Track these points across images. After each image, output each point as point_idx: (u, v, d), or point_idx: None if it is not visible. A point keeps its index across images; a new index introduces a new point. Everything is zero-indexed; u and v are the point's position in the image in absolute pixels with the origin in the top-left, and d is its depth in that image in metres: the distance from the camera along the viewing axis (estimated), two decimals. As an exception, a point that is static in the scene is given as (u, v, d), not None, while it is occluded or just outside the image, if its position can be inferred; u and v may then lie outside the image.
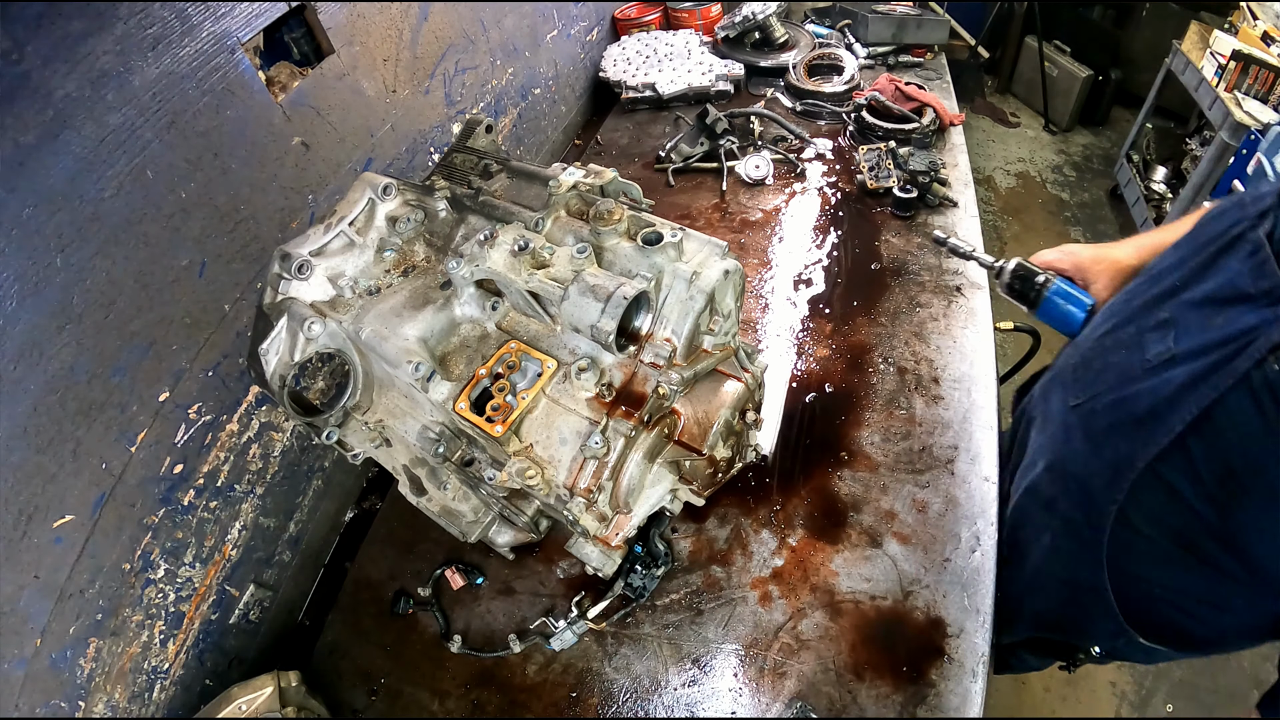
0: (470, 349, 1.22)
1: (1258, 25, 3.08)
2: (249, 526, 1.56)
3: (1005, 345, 3.19)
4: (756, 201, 2.35)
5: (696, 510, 1.52)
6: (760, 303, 2.00)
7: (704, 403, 1.26)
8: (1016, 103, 5.16)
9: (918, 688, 1.24)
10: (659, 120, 2.86)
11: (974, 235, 2.09)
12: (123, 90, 1.18)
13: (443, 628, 1.47)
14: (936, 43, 2.99)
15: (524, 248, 1.15)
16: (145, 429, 1.30)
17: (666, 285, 1.14)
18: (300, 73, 1.57)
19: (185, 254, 1.34)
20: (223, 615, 1.51)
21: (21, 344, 1.08)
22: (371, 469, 1.94)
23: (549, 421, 1.13)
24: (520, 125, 2.59)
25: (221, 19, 1.34)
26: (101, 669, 1.26)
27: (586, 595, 1.45)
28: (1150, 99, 3.85)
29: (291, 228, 1.57)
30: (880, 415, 1.67)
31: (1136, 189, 3.82)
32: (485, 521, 1.36)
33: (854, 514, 1.50)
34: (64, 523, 1.18)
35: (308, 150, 1.60)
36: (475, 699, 1.38)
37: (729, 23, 2.96)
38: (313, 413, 1.27)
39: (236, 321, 1.46)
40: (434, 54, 2.03)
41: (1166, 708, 2.32)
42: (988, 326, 1.83)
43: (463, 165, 1.44)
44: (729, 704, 1.29)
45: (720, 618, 1.39)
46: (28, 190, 1.06)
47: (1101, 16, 4.71)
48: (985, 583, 1.35)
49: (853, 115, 2.55)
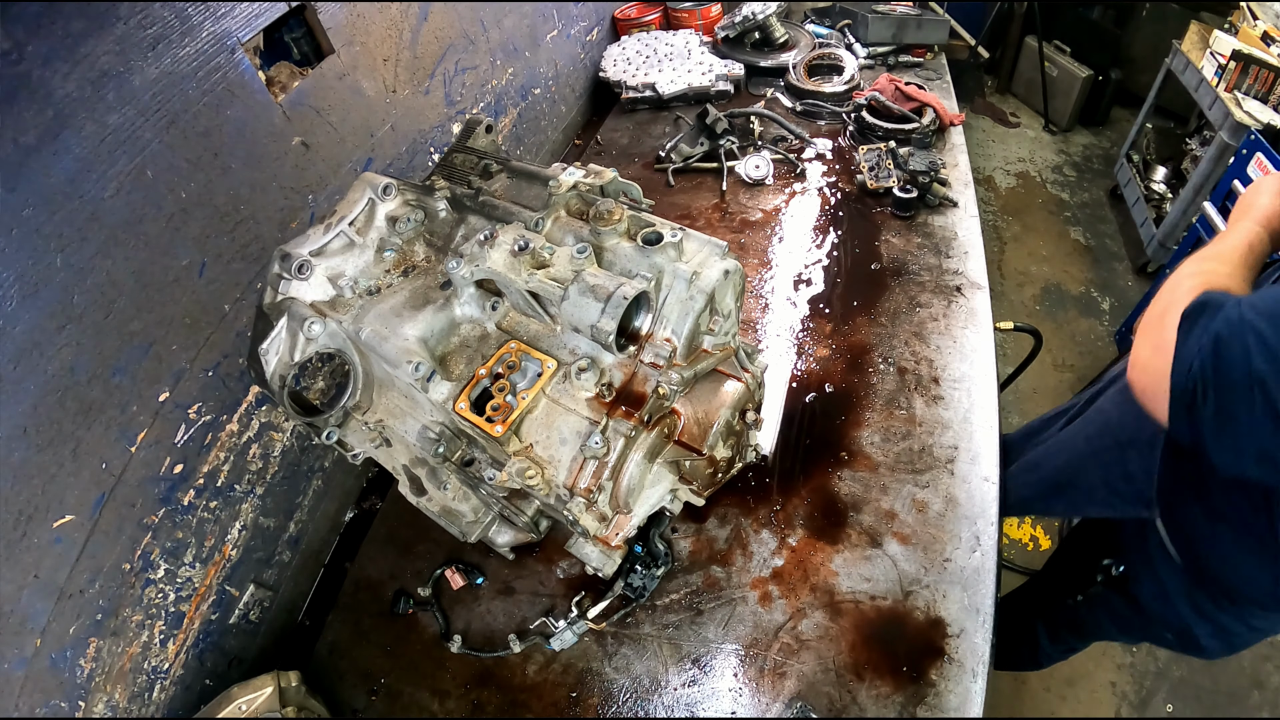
0: (470, 349, 1.22)
1: (1258, 25, 3.08)
2: (249, 526, 1.56)
3: (1005, 345, 3.19)
4: (756, 201, 2.35)
5: (696, 510, 1.52)
6: (760, 303, 2.00)
7: (704, 403, 1.26)
8: (1016, 103, 5.16)
9: (918, 688, 1.24)
10: (659, 120, 2.86)
11: (974, 235, 2.09)
12: (123, 90, 1.18)
13: (443, 628, 1.47)
14: (936, 43, 3.00)
15: (524, 248, 1.15)
16: (145, 429, 1.30)
17: (666, 285, 1.14)
18: (300, 73, 1.57)
19: (185, 254, 1.34)
20: (223, 615, 1.51)
21: (21, 344, 1.08)
22: (371, 469, 1.94)
23: (549, 421, 1.13)
24: (520, 125, 2.59)
25: (221, 19, 1.34)
26: (101, 669, 1.26)
27: (586, 595, 1.45)
28: (1150, 99, 3.84)
29: (291, 228, 1.57)
30: (880, 415, 1.67)
31: (1136, 189, 3.82)
32: (485, 521, 1.36)
33: (854, 514, 1.50)
34: (64, 523, 1.18)
35: (308, 150, 1.60)
36: (475, 699, 1.38)
37: (729, 23, 2.96)
38: (313, 413, 1.27)
39: (236, 321, 1.46)
40: (434, 54, 2.03)
41: (1166, 708, 2.32)
42: (988, 326, 1.83)
43: (463, 165, 1.44)
44: (729, 704, 1.29)
45: (720, 618, 1.39)
46: (28, 190, 1.06)
47: (1101, 16, 4.71)
48: (985, 583, 1.35)
49: (853, 115, 2.55)
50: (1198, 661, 2.39)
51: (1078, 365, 3.35)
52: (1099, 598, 1.56)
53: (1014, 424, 3.06)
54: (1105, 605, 1.57)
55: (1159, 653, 2.43)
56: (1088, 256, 3.97)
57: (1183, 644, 1.46)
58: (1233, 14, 3.33)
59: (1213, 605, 1.31)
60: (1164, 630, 1.46)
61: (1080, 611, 1.66)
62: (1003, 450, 1.56)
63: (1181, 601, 1.35)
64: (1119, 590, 1.48)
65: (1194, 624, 1.37)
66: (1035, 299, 3.74)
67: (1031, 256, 3.99)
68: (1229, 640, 1.37)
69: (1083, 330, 3.55)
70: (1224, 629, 1.35)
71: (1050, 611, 1.85)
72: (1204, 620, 1.35)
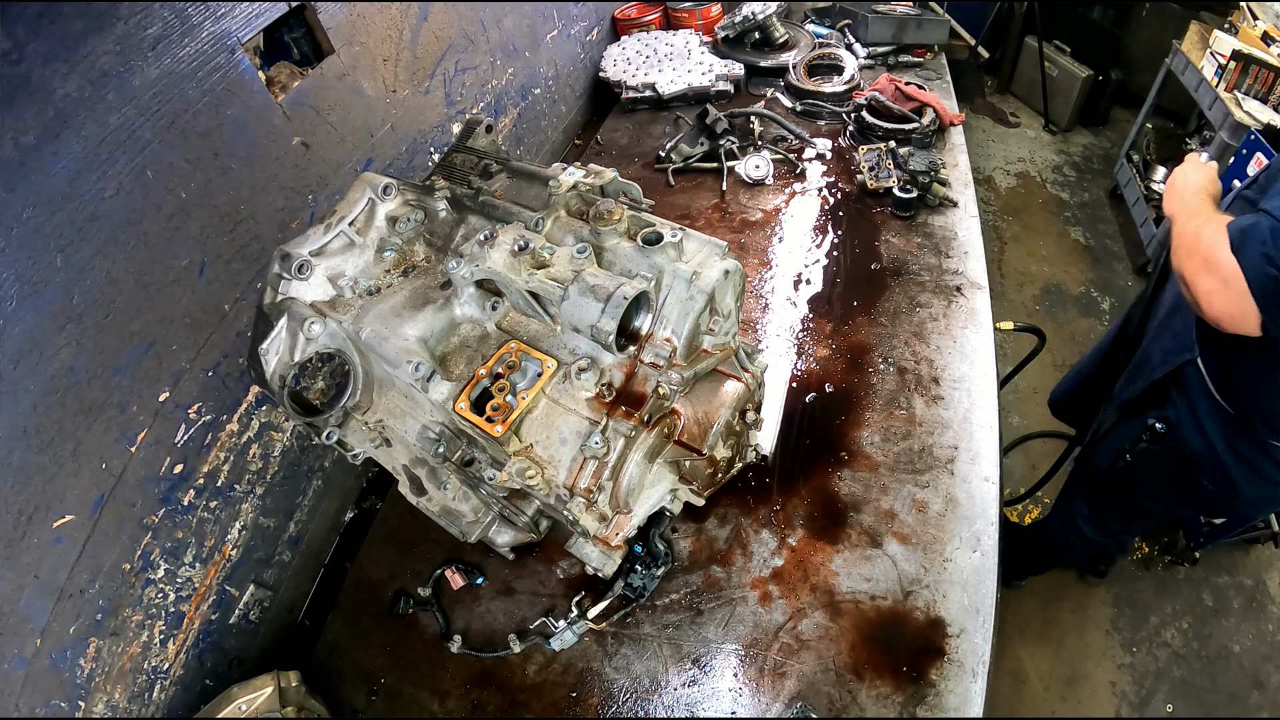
0: (470, 349, 1.22)
1: (1258, 25, 3.07)
2: (249, 526, 1.56)
3: (1005, 345, 3.19)
4: (756, 201, 2.35)
5: (696, 510, 1.52)
6: (760, 303, 2.00)
7: (704, 403, 1.25)
8: (1016, 103, 5.15)
9: (918, 688, 1.24)
10: (659, 120, 2.86)
11: (974, 235, 2.09)
12: (123, 90, 1.18)
13: (443, 628, 1.47)
14: (936, 43, 3.00)
15: (524, 248, 1.15)
16: (145, 429, 1.30)
17: (666, 285, 1.14)
18: (300, 73, 1.57)
19: (185, 254, 1.34)
20: (223, 615, 1.51)
21: (21, 344, 1.08)
22: (371, 469, 1.94)
23: (549, 421, 1.13)
24: (520, 125, 2.59)
25: (221, 19, 1.34)
26: (101, 669, 1.26)
27: (586, 595, 1.45)
28: (1150, 99, 3.84)
29: (291, 228, 1.57)
30: (880, 415, 1.67)
31: (1136, 189, 3.82)
32: (485, 521, 1.36)
33: (854, 514, 1.50)
34: (64, 523, 1.18)
35: (308, 150, 1.60)
36: (475, 699, 1.38)
37: (729, 23, 2.96)
38: (313, 413, 1.27)
39: (236, 321, 1.46)
40: (434, 54, 2.03)
41: (1166, 708, 2.32)
42: (988, 326, 1.83)
43: (463, 165, 1.44)
44: (729, 704, 1.29)
45: (720, 618, 1.39)
46: (28, 190, 1.06)
47: (1101, 16, 4.71)
48: (985, 583, 1.35)
49: (853, 115, 2.55)
50: (1197, 661, 2.40)
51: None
52: (1144, 455, 1.66)
53: (1014, 424, 3.07)
54: (1150, 462, 1.67)
55: (1159, 652, 2.43)
56: (1088, 256, 3.97)
57: (1221, 491, 1.56)
58: (1233, 14, 3.33)
59: (1251, 449, 1.45)
60: (1204, 478, 1.56)
61: (1125, 476, 1.76)
62: (1003, 450, 1.58)
63: (1222, 445, 1.48)
64: (1164, 443, 1.60)
65: (1232, 467, 1.49)
66: (1035, 299, 3.74)
67: (1031, 256, 3.99)
68: (1266, 488, 1.50)
69: (1083, 330, 3.55)
70: (1261, 473, 1.47)
71: (1093, 485, 1.98)
72: (1242, 464, 1.47)
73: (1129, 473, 1.75)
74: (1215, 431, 1.49)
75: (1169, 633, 2.48)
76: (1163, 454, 1.63)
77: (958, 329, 1.83)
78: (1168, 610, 2.53)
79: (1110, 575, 2.60)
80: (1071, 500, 2.08)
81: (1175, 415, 1.57)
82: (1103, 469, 1.85)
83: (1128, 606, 2.55)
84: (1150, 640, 2.47)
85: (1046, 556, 2.38)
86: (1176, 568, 2.61)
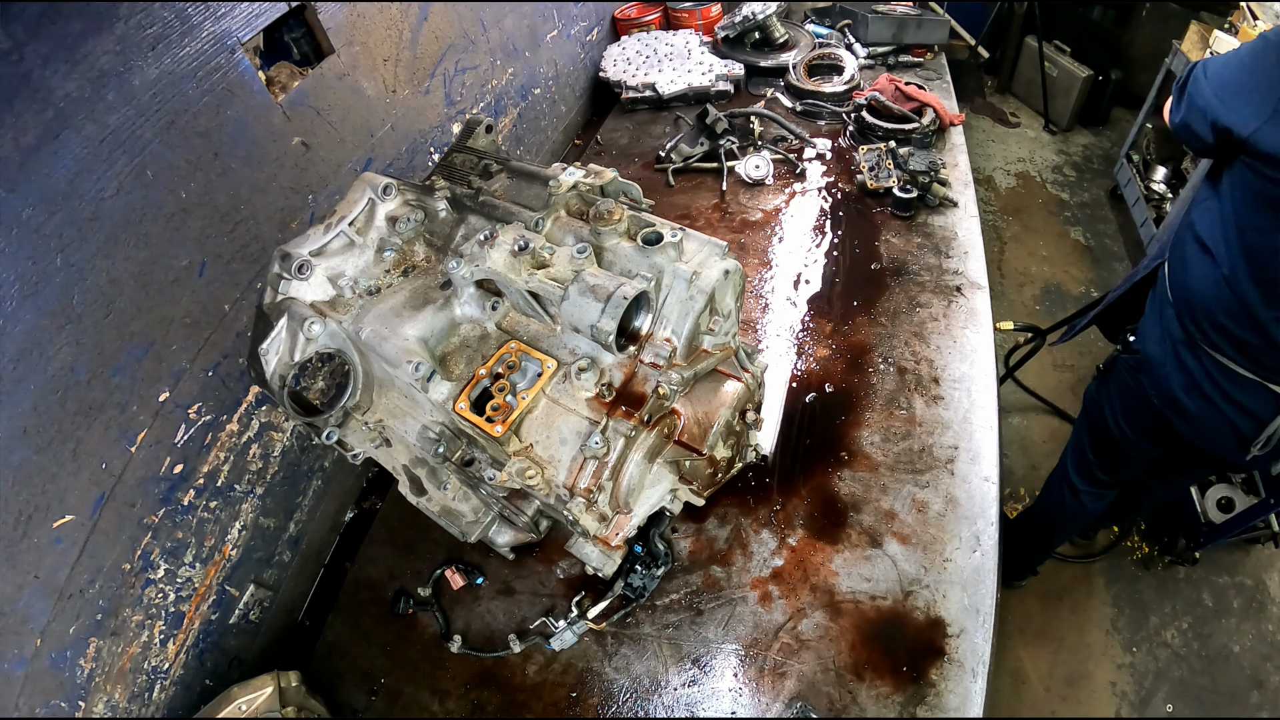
0: (470, 349, 1.22)
1: (1258, 25, 3.07)
2: (249, 526, 1.56)
3: (1005, 345, 3.19)
4: (756, 201, 2.35)
5: (696, 510, 1.52)
6: (760, 303, 2.00)
7: (704, 403, 1.25)
8: (1016, 103, 5.15)
9: (918, 688, 1.24)
10: (659, 120, 2.86)
11: (974, 235, 2.09)
12: (123, 90, 1.18)
13: (443, 628, 1.47)
14: (936, 43, 3.00)
15: (524, 248, 1.15)
16: (145, 429, 1.30)
17: (666, 285, 1.14)
18: (300, 73, 1.57)
19: (185, 254, 1.34)
20: (223, 615, 1.51)
21: (21, 344, 1.08)
22: (371, 469, 1.94)
23: (549, 421, 1.13)
24: (520, 125, 2.59)
25: (221, 19, 1.34)
26: (101, 669, 1.26)
27: (586, 595, 1.45)
28: (1150, 99, 3.84)
29: (291, 228, 1.57)
30: (880, 415, 1.67)
31: (1136, 189, 3.82)
32: (485, 521, 1.36)
33: (854, 514, 1.50)
34: (64, 523, 1.18)
35: (308, 150, 1.60)
36: (475, 699, 1.38)
37: (729, 23, 2.96)
38: (313, 413, 1.27)
39: (236, 321, 1.46)
40: (434, 54, 2.03)
41: (1166, 708, 2.32)
42: (988, 326, 1.83)
43: (463, 165, 1.44)
44: (729, 704, 1.29)
45: (720, 618, 1.39)
46: (28, 190, 1.06)
47: (1101, 16, 4.70)
48: (985, 583, 1.35)
49: (853, 115, 2.55)
50: (1198, 661, 2.40)
51: (1078, 365, 3.35)
52: (1116, 368, 1.79)
53: (1014, 424, 3.07)
54: (1118, 379, 1.78)
55: (1159, 652, 2.43)
56: (1088, 256, 3.97)
57: (1165, 402, 1.61)
58: (1233, 14, 3.33)
59: (1193, 359, 1.50)
60: (1152, 391, 1.64)
61: (1101, 407, 1.86)
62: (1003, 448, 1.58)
63: (1169, 350, 1.55)
64: (1133, 353, 1.69)
65: (1173, 374, 1.55)
66: (1035, 299, 3.74)
67: (1031, 256, 3.99)
68: (1204, 405, 1.52)
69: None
70: (1200, 389, 1.51)
71: (1079, 431, 2.06)
72: (1181, 371, 1.53)
73: (1105, 400, 1.84)
74: (1167, 337, 1.56)
75: (1169, 633, 2.48)
76: (1129, 365, 1.72)
77: (958, 329, 1.83)
78: (1168, 610, 2.53)
79: (1110, 575, 2.60)
80: (1063, 458, 2.17)
81: (1143, 324, 1.67)
82: (1086, 401, 1.98)
83: (1128, 606, 2.55)
84: (1150, 640, 2.47)
85: (1044, 531, 2.37)
86: (1176, 568, 2.61)
